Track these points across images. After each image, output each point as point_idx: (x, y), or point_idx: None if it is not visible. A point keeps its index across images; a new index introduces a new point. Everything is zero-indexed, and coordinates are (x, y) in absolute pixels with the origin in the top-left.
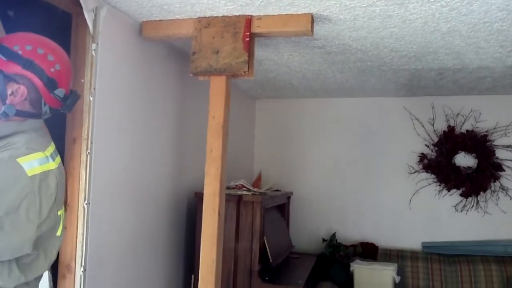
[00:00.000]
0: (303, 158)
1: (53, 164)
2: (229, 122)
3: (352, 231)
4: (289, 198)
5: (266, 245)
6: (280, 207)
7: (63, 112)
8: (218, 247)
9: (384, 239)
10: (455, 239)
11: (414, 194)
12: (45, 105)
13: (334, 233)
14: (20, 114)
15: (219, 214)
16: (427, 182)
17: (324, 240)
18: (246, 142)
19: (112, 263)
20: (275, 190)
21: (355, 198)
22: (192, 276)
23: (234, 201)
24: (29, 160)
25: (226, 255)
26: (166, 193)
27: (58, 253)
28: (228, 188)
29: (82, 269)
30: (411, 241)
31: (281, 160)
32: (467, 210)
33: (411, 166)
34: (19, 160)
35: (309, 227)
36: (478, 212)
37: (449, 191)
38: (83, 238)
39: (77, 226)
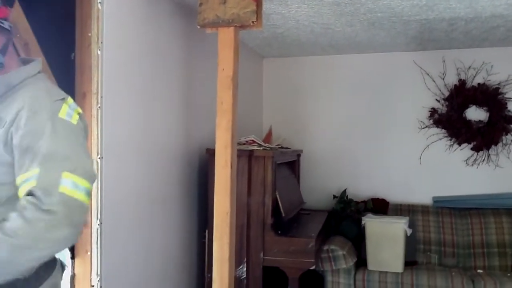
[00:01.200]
0: (312, 117)
1: (78, 109)
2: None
3: (362, 188)
4: (299, 156)
5: (278, 199)
6: (290, 165)
7: None
8: (232, 199)
9: (394, 195)
10: (466, 193)
11: (425, 149)
12: None
13: (345, 190)
14: None
15: (231, 167)
16: (437, 137)
17: (335, 196)
18: (255, 102)
19: (126, 217)
20: (285, 148)
21: (365, 155)
22: (206, 231)
23: (245, 156)
24: (66, 111)
25: (239, 209)
26: (177, 149)
27: None
28: (238, 144)
29: (98, 222)
30: (422, 196)
31: (290, 119)
32: (478, 164)
33: (421, 122)
34: (60, 115)
35: (320, 185)
36: (489, 165)
37: (460, 146)
38: (97, 192)
39: None
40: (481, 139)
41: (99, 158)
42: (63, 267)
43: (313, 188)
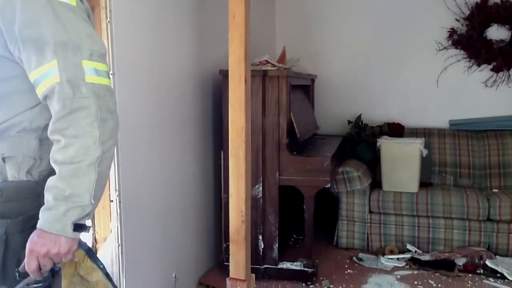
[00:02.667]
0: (326, 41)
1: None
2: None
3: (378, 113)
4: (313, 81)
5: (293, 120)
6: (305, 90)
7: None
8: (247, 114)
9: (410, 119)
10: (484, 115)
11: (442, 71)
12: None
13: (360, 115)
14: None
15: (245, 82)
16: (456, 58)
17: (349, 122)
18: (268, 25)
19: (141, 136)
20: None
21: (381, 79)
22: (222, 152)
23: (259, 77)
24: None
25: (254, 130)
26: (190, 72)
27: None
28: (252, 65)
29: None
30: (438, 119)
31: (304, 45)
32: (498, 85)
33: (439, 43)
34: None
35: (334, 110)
36: (509, 87)
37: (479, 67)
38: None
39: None
40: (501, 59)
41: (111, 74)
42: None
43: (328, 114)
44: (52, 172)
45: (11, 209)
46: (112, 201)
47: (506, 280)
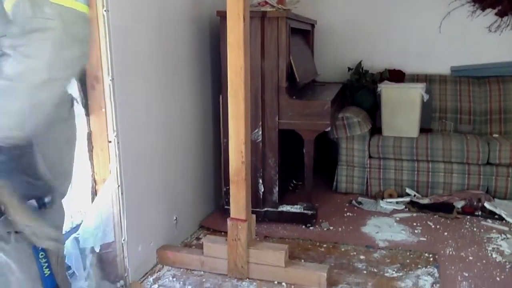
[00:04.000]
0: None
1: None
2: None
3: (378, 59)
4: (313, 26)
5: (292, 63)
6: (304, 36)
7: None
8: (246, 53)
9: (411, 66)
10: (487, 61)
11: (445, 16)
12: None
13: (360, 62)
14: None
15: (244, 19)
16: (459, 2)
17: (349, 69)
18: None
19: (139, 74)
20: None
21: (381, 25)
22: (220, 96)
23: (257, 18)
24: None
25: (253, 73)
26: (187, 14)
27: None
28: (250, 6)
29: (110, 77)
30: (440, 66)
31: None
32: (502, 30)
33: None
34: None
35: (334, 57)
36: None
37: (483, 11)
38: (106, 48)
39: (98, 34)
40: (507, 2)
41: (104, 11)
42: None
43: (327, 61)
44: None
45: None
46: (110, 142)
47: (504, 221)
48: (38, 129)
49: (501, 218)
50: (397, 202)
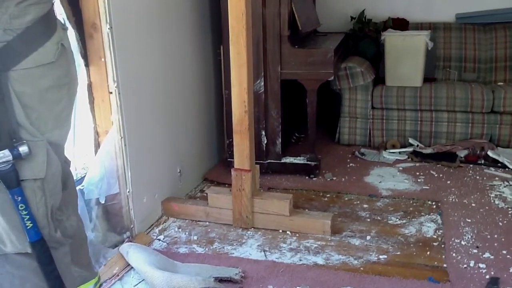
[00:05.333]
0: None
1: None
2: None
3: (381, 8)
4: None
5: (294, 11)
6: None
7: None
8: None
9: (415, 14)
10: (493, 7)
11: None
12: None
13: (363, 10)
14: None
15: None
16: None
17: (352, 18)
18: None
19: (138, 23)
20: None
21: None
22: (221, 46)
23: None
24: None
25: (254, 21)
26: None
27: (81, 12)
28: None
29: (108, 26)
30: (445, 13)
31: None
32: None
33: None
34: None
35: (336, 6)
36: None
37: None
38: None
39: None
40: None
41: None
42: (64, 27)
43: (329, 10)
44: (10, 45)
45: None
46: (111, 92)
47: (507, 169)
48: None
49: (504, 166)
50: (400, 153)
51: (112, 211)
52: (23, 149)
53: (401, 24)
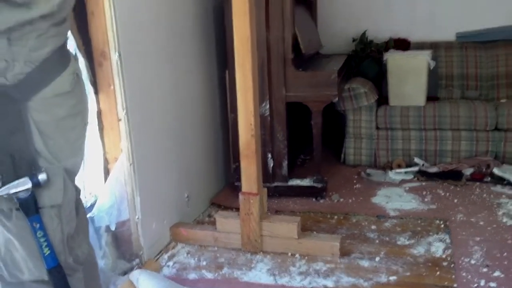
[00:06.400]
0: None
1: None
2: None
3: (383, 29)
4: None
5: (298, 35)
6: (307, 7)
7: None
8: (251, 23)
9: (416, 34)
10: (493, 25)
11: None
12: None
13: (365, 31)
14: None
15: None
16: None
17: (354, 39)
18: None
19: (145, 50)
20: None
21: None
22: (226, 71)
23: None
24: None
25: (259, 45)
26: None
27: (90, 41)
28: None
29: (117, 54)
30: (445, 32)
31: None
32: None
33: None
34: None
35: (338, 28)
36: None
37: None
38: (112, 22)
39: (103, 7)
40: None
41: None
42: (76, 57)
43: (331, 32)
44: (30, 76)
45: None
46: (120, 119)
47: None
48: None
49: (510, 183)
50: (405, 172)
51: (121, 238)
52: (42, 176)
53: (402, 44)
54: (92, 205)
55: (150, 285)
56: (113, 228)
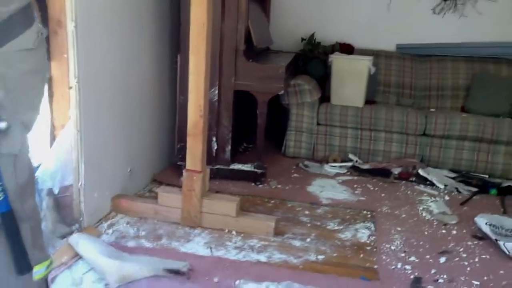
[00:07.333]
0: None
1: None
2: None
3: (330, 33)
4: None
5: (251, 28)
6: (261, 3)
7: None
8: (208, 9)
9: (360, 41)
10: (430, 41)
11: None
12: None
13: (313, 33)
14: None
15: None
16: None
17: (303, 39)
18: None
19: (101, 21)
20: None
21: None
22: (178, 55)
23: None
24: None
25: (213, 33)
26: None
27: (47, 8)
28: None
29: (73, 24)
30: (387, 43)
31: None
32: (445, 13)
33: None
34: None
35: (289, 27)
36: (454, 15)
37: None
38: None
39: None
40: None
41: None
42: (42, 33)
43: (282, 31)
44: None
45: None
46: (71, 87)
47: (434, 187)
48: None
49: (432, 184)
50: (340, 166)
51: (62, 203)
52: (2, 125)
53: (347, 49)
54: (36, 168)
55: (89, 248)
56: (56, 192)
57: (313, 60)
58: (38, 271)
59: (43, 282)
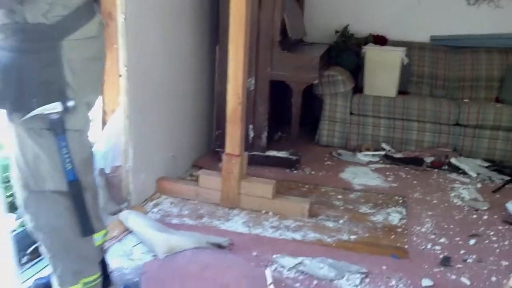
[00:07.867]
0: None
1: None
2: None
3: (364, 25)
4: None
5: (286, 19)
6: None
7: None
8: (247, 3)
9: (394, 33)
10: (464, 32)
11: None
12: None
13: (347, 26)
14: None
15: None
16: None
17: (337, 32)
18: None
19: (148, 17)
20: None
21: None
22: (216, 46)
23: None
24: None
25: (250, 24)
26: None
27: (100, 2)
28: None
29: (123, 16)
30: (421, 34)
31: None
32: (479, 4)
33: None
34: None
35: (322, 20)
36: (489, 6)
37: None
38: None
39: None
40: None
41: None
42: (102, 23)
43: (316, 23)
44: (66, 19)
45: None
46: (121, 75)
47: (466, 175)
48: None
49: (464, 173)
50: (373, 155)
51: (113, 183)
52: (70, 103)
53: (380, 41)
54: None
55: (138, 223)
56: (108, 171)
57: (346, 52)
58: (96, 239)
59: (100, 249)
